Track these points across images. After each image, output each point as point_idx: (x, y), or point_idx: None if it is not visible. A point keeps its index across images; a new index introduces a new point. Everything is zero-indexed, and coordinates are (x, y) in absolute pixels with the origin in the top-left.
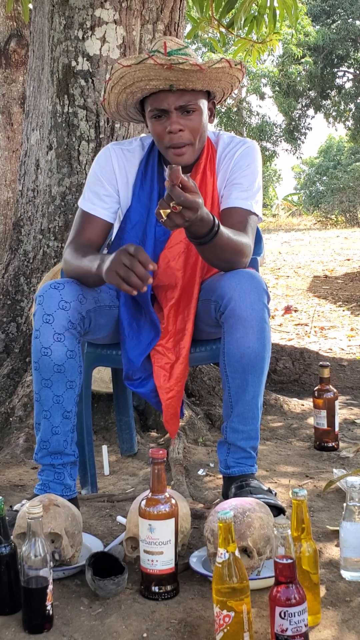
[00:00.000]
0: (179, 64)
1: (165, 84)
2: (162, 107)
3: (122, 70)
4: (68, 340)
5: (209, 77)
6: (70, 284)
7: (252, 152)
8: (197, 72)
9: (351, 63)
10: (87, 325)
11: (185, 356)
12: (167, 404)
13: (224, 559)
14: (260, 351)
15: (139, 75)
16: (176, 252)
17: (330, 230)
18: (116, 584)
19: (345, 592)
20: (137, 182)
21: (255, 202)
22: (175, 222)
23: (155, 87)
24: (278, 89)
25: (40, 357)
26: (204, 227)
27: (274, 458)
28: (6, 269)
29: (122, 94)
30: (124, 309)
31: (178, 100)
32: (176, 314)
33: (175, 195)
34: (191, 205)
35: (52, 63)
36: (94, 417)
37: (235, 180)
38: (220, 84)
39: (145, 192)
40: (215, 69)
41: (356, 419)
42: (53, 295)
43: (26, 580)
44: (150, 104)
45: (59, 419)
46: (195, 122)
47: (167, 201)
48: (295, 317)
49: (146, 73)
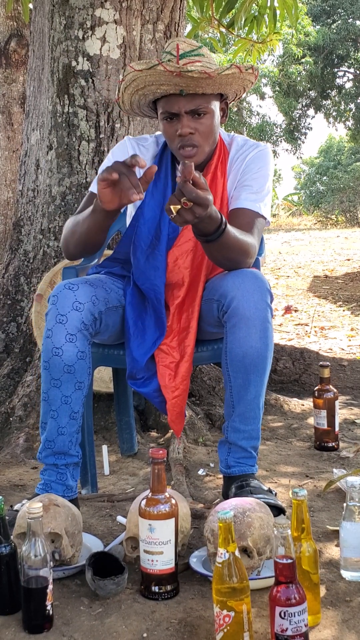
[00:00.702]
0: (188, 72)
1: (175, 89)
2: (173, 110)
3: (134, 73)
4: (80, 341)
5: (219, 83)
6: (84, 285)
7: (265, 156)
8: (206, 79)
9: (351, 63)
10: (98, 326)
11: (190, 354)
12: (173, 403)
13: (224, 559)
14: (263, 351)
15: (150, 79)
16: (184, 250)
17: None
18: (116, 583)
19: (345, 592)
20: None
21: (263, 204)
22: (185, 218)
23: (165, 92)
24: (278, 88)
25: (51, 357)
26: (212, 225)
27: (274, 458)
28: (6, 269)
29: (135, 95)
30: (130, 308)
31: (189, 104)
32: (180, 312)
33: (186, 192)
34: (202, 201)
35: (53, 63)
36: (94, 416)
37: (245, 182)
38: (231, 88)
39: (158, 190)
40: (225, 75)
41: (356, 419)
42: (67, 296)
43: (26, 580)
44: (161, 106)
45: (66, 420)
46: (205, 125)
47: (177, 197)
48: (295, 317)
49: (156, 78)
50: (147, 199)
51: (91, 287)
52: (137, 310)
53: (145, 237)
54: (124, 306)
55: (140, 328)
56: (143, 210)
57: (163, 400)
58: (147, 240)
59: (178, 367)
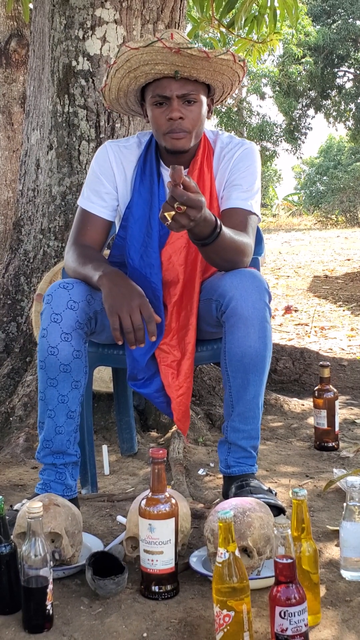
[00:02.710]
0: (187, 49)
1: (170, 69)
2: (165, 93)
3: (130, 52)
4: (75, 340)
5: (213, 69)
6: (79, 284)
7: (252, 154)
8: (203, 60)
9: (351, 63)
10: (94, 325)
11: (191, 352)
12: (178, 401)
13: (224, 559)
14: (262, 350)
15: (145, 58)
16: (177, 247)
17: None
18: (116, 583)
19: (345, 592)
20: (136, 178)
21: (255, 202)
22: (181, 223)
23: (159, 72)
24: (278, 88)
25: (46, 357)
26: (208, 228)
27: (274, 458)
28: (6, 269)
29: (126, 78)
30: None
31: (181, 88)
32: (179, 310)
33: (177, 195)
34: (195, 204)
35: (53, 63)
36: (94, 416)
37: (234, 181)
38: (222, 79)
39: (145, 187)
40: (220, 59)
41: (356, 418)
42: (62, 295)
43: (26, 580)
44: (152, 91)
45: (63, 419)
46: (195, 113)
47: (170, 203)
48: (295, 317)
49: (153, 57)
50: (135, 198)
51: (86, 286)
52: None
53: (137, 236)
54: None
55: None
56: (132, 209)
57: (164, 401)
58: (139, 238)
59: (180, 365)
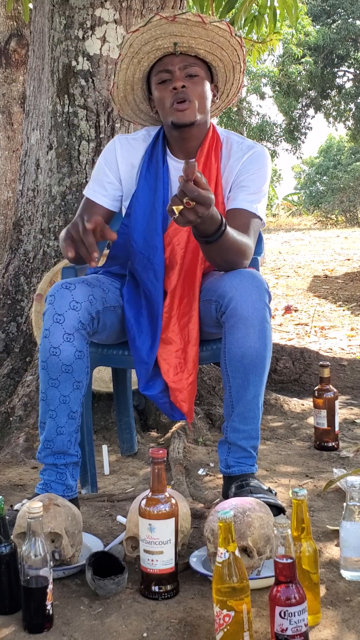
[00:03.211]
0: (182, 14)
1: (169, 41)
2: (167, 68)
3: (131, 37)
4: (77, 340)
5: (212, 40)
6: (81, 285)
7: (263, 158)
8: (199, 27)
9: (351, 63)
10: (96, 325)
11: (196, 339)
12: (189, 390)
13: (224, 559)
14: (262, 351)
15: (145, 37)
16: (179, 230)
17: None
18: (116, 583)
19: (345, 592)
20: (143, 166)
21: (260, 206)
22: (188, 219)
23: (159, 48)
24: (278, 88)
25: (48, 357)
26: (213, 226)
27: (274, 458)
28: (6, 269)
29: (130, 67)
30: (128, 306)
31: (182, 62)
32: (181, 297)
33: (188, 191)
34: (204, 200)
35: (53, 63)
36: (94, 416)
37: (242, 183)
38: (221, 55)
39: (151, 174)
40: (216, 28)
41: (356, 418)
42: (64, 295)
43: (26, 580)
44: (155, 70)
45: (64, 419)
46: (198, 86)
47: (180, 197)
48: (295, 317)
49: (152, 33)
50: (140, 185)
51: (88, 286)
52: (135, 308)
53: (141, 220)
54: (122, 306)
55: (141, 323)
56: (138, 194)
57: (167, 402)
58: (143, 222)
59: (186, 353)
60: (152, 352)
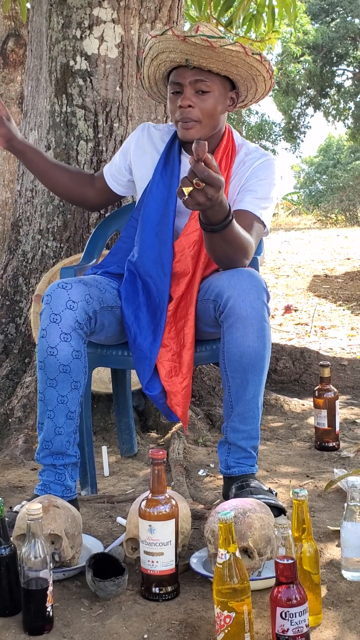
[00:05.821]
0: (192, 37)
1: (181, 57)
2: (178, 80)
3: (151, 41)
4: (74, 340)
5: (224, 60)
6: (77, 284)
7: (272, 167)
8: (208, 49)
9: (350, 61)
10: (93, 325)
11: (191, 342)
12: (183, 394)
13: (225, 560)
14: (260, 350)
15: (161, 46)
16: (192, 240)
17: (330, 229)
18: (116, 585)
19: (347, 593)
20: (160, 160)
21: (265, 212)
22: (197, 200)
23: (173, 61)
24: (277, 87)
25: (46, 357)
26: (221, 213)
27: (275, 458)
28: (5, 270)
29: (151, 66)
30: (126, 303)
31: (193, 76)
32: (179, 301)
33: (198, 171)
34: (214, 181)
35: (50, 62)
36: (94, 417)
37: (250, 187)
38: (237, 72)
39: (167, 171)
40: (228, 50)
41: (357, 418)
42: (61, 295)
43: (26, 582)
44: (170, 80)
45: (62, 420)
46: (207, 103)
47: (190, 178)
48: (295, 317)
49: (166, 45)
50: (156, 178)
51: (85, 286)
52: (134, 304)
53: (154, 212)
54: (120, 307)
55: (140, 319)
56: (152, 187)
57: (166, 403)
58: (156, 214)
59: (181, 357)
60: (154, 346)
